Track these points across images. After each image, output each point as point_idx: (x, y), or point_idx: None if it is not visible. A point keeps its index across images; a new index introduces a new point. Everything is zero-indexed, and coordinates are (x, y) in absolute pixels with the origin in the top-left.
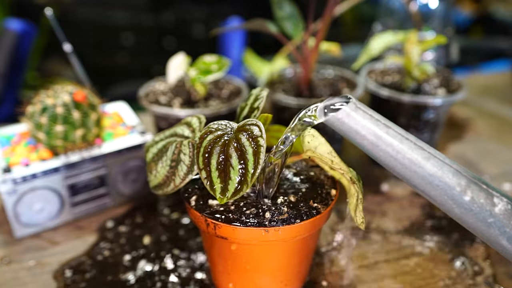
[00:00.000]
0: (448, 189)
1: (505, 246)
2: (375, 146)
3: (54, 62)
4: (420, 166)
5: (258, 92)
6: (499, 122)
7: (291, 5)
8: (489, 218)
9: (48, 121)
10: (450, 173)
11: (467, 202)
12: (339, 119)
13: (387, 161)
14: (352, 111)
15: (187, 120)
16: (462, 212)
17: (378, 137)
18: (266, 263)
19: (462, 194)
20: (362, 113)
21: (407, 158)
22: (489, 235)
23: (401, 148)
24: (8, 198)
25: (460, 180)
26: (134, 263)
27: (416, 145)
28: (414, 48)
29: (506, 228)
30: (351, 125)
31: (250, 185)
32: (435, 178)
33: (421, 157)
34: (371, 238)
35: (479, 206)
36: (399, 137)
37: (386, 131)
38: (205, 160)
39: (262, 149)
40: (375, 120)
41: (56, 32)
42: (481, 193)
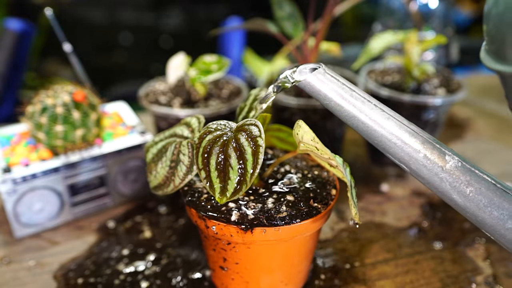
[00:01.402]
0: (405, 147)
1: (456, 200)
2: (340, 107)
3: (52, 62)
4: (380, 125)
5: (257, 92)
6: (499, 122)
7: (291, 5)
8: (441, 173)
9: (48, 121)
10: (407, 132)
11: (421, 158)
12: (309, 83)
13: (351, 121)
14: (320, 75)
15: (187, 121)
16: (417, 167)
17: (343, 98)
18: (266, 263)
19: (417, 151)
20: (329, 77)
21: (369, 118)
22: (441, 189)
23: (364, 108)
24: (8, 198)
25: (416, 139)
26: (134, 263)
27: (377, 107)
28: (414, 48)
29: (456, 183)
30: (320, 88)
31: (249, 185)
32: (393, 136)
33: (382, 117)
34: (371, 238)
35: (432, 162)
36: (362, 99)
37: (350, 93)
38: (204, 160)
39: (261, 149)
40: (341, 84)
41: (56, 32)
42: (434, 151)
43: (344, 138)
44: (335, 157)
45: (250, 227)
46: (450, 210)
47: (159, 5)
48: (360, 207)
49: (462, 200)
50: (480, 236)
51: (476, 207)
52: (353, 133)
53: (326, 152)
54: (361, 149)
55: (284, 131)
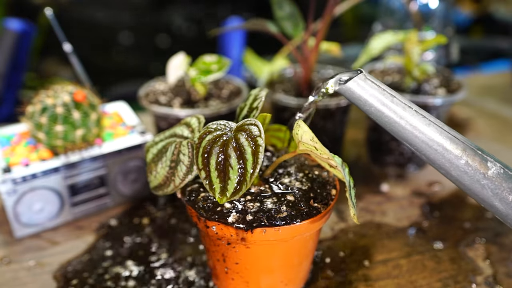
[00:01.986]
0: (446, 153)
1: (497, 207)
2: (381, 113)
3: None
4: (421, 132)
5: (257, 92)
6: (499, 122)
7: (291, 5)
8: (482, 180)
9: (48, 121)
10: (448, 139)
11: (462, 165)
12: (350, 89)
13: (392, 127)
14: (361, 81)
15: (187, 121)
16: (458, 174)
17: (384, 104)
18: (266, 263)
19: (458, 157)
20: (370, 83)
21: (409, 124)
22: (483, 196)
23: (405, 114)
24: (8, 198)
25: (457, 145)
26: (134, 263)
27: (418, 113)
28: (414, 48)
29: (498, 190)
30: (361, 94)
31: (249, 185)
32: (434, 142)
33: (423, 123)
34: (371, 238)
35: (473, 169)
36: (403, 105)
37: (391, 99)
38: (204, 160)
39: (261, 149)
40: (382, 89)
41: (56, 32)
42: (476, 157)
43: (344, 138)
44: (334, 157)
45: (250, 227)
46: (450, 210)
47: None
48: (360, 207)
49: (503, 207)
50: (480, 236)
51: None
52: (353, 133)
53: (325, 152)
54: (361, 149)
55: (284, 131)
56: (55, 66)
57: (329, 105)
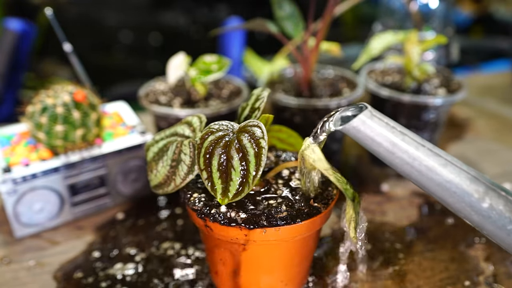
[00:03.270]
0: (466, 196)
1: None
2: (391, 154)
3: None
4: (437, 173)
5: (259, 92)
6: (499, 122)
7: (291, 5)
8: (508, 225)
9: (48, 121)
10: (467, 179)
11: (485, 209)
12: (355, 127)
13: (404, 168)
14: (367, 119)
15: (188, 120)
16: (481, 219)
17: (393, 144)
18: (266, 263)
19: (480, 201)
20: (377, 121)
21: (424, 165)
22: (509, 242)
23: (417, 155)
24: (8, 198)
25: (478, 187)
26: (135, 263)
27: (432, 152)
28: (414, 48)
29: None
30: (367, 133)
31: (252, 186)
32: (452, 185)
33: (438, 164)
34: (370, 238)
35: (498, 213)
36: (415, 144)
37: (402, 138)
38: (206, 161)
39: (263, 151)
40: (391, 127)
41: (56, 32)
42: (500, 200)
43: (344, 139)
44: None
45: (250, 227)
46: (450, 210)
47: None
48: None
49: None
50: (480, 236)
51: None
52: None
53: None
54: (361, 149)
55: (284, 131)
56: (54, 66)
57: (329, 105)
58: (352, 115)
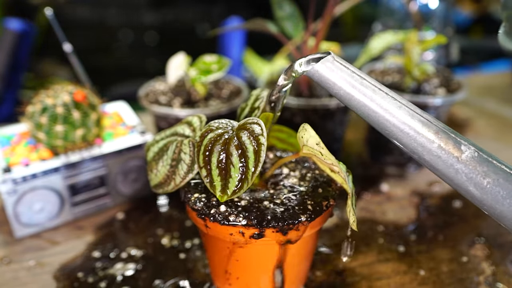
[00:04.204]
0: (418, 136)
1: (472, 192)
2: (350, 96)
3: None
4: (392, 115)
5: (258, 92)
6: (499, 122)
7: (291, 5)
8: (456, 164)
9: (48, 121)
10: (420, 122)
11: (435, 148)
12: (317, 71)
13: (362, 110)
14: (329, 63)
15: (188, 120)
16: (432, 159)
17: (353, 86)
18: (266, 263)
19: (431, 141)
20: (338, 65)
21: (380, 107)
22: (457, 181)
23: (375, 97)
24: (8, 198)
25: (429, 128)
26: (135, 264)
27: (388, 95)
28: (414, 48)
29: (472, 174)
30: (329, 76)
31: (251, 182)
32: (406, 126)
33: (394, 106)
34: (371, 238)
35: (446, 153)
36: (373, 87)
37: (360, 81)
38: (205, 159)
39: (263, 148)
40: (351, 71)
41: (56, 32)
42: (449, 140)
43: (344, 138)
44: (339, 163)
45: (249, 227)
46: (450, 210)
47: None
48: (360, 207)
49: (479, 192)
50: (480, 236)
51: (494, 199)
52: (353, 133)
53: (330, 158)
54: (361, 149)
55: (284, 131)
56: (53, 66)
57: (329, 105)
58: (317, 60)
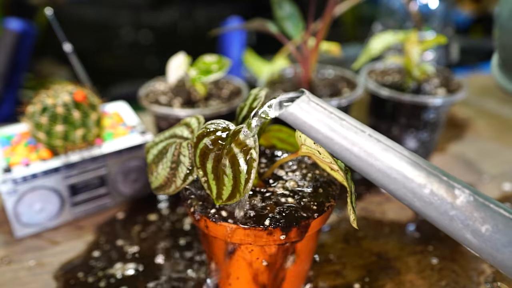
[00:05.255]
0: (407, 182)
1: (470, 240)
2: (330, 140)
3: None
4: (377, 159)
5: (256, 92)
6: (499, 122)
7: (291, 5)
8: (450, 211)
9: (48, 121)
10: (408, 165)
11: (427, 195)
12: (292, 113)
13: (343, 154)
14: (304, 104)
15: (186, 121)
16: (423, 205)
17: (332, 129)
18: (266, 264)
19: (421, 186)
20: (314, 106)
21: (364, 150)
22: (452, 229)
23: (357, 140)
24: (8, 198)
25: (419, 172)
26: (135, 264)
27: (372, 137)
28: (414, 48)
29: (469, 221)
30: (304, 119)
31: (243, 194)
32: (393, 170)
33: (379, 149)
34: (371, 238)
35: (439, 199)
36: (354, 129)
37: (340, 123)
38: (201, 162)
39: (254, 164)
40: (329, 112)
41: (56, 32)
42: (441, 185)
43: None
44: (337, 162)
45: (249, 228)
46: None
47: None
48: (360, 207)
49: (477, 240)
50: None
51: (494, 247)
52: None
53: (328, 156)
54: None
55: (284, 131)
56: (51, 67)
57: None
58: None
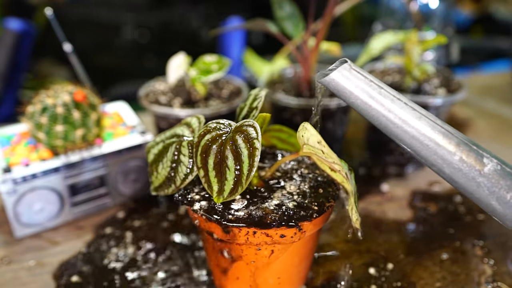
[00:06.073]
0: (438, 149)
1: (494, 206)
2: (368, 106)
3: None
4: (411, 126)
5: (257, 92)
6: (499, 122)
7: (291, 5)
8: (478, 177)
9: (48, 121)
10: (440, 133)
11: (456, 161)
12: (334, 80)
13: (380, 120)
14: (346, 72)
15: (187, 121)
16: (452, 172)
17: (371, 96)
18: (265, 263)
19: (452, 153)
20: (356, 74)
21: (399, 117)
22: (479, 195)
23: (393, 107)
24: (8, 198)
25: (450, 140)
26: (135, 264)
27: (407, 105)
28: (414, 48)
29: (495, 188)
30: (345, 85)
31: (245, 186)
32: (425, 137)
33: (413, 116)
34: (370, 238)
35: (468, 166)
36: (391, 97)
37: (378, 91)
38: (202, 160)
39: (257, 152)
40: (369, 80)
41: (56, 32)
42: (471, 153)
43: (344, 139)
44: (341, 161)
45: (249, 227)
46: (450, 210)
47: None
48: (360, 207)
49: (501, 207)
50: (481, 236)
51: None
52: (353, 133)
53: (332, 156)
54: (361, 149)
55: (285, 131)
56: (50, 67)
57: (329, 105)
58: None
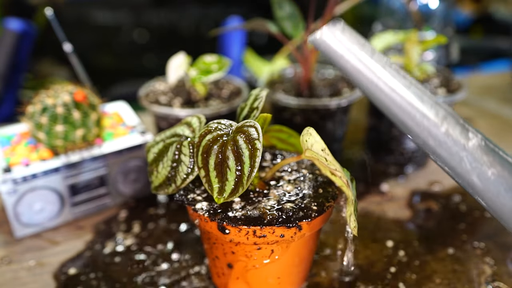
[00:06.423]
0: (425, 120)
1: (474, 182)
2: (358, 71)
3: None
4: (399, 94)
5: (257, 92)
6: (499, 122)
7: (291, 4)
8: (462, 151)
9: (48, 121)
10: (428, 103)
11: (442, 134)
12: (324, 41)
13: (368, 87)
14: (338, 33)
15: (187, 120)
16: (436, 144)
17: (361, 61)
18: (265, 263)
19: (437, 126)
20: (348, 36)
21: (388, 85)
22: (460, 170)
23: (383, 74)
24: (8, 198)
25: (437, 111)
26: (135, 264)
27: (398, 73)
28: (414, 48)
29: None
30: (336, 48)
31: (246, 187)
32: (413, 107)
33: (402, 85)
34: (370, 238)
35: (453, 139)
36: (382, 63)
37: (370, 55)
38: (203, 160)
39: (258, 153)
40: (361, 44)
41: (56, 32)
42: (457, 126)
43: (344, 138)
44: (343, 170)
45: (249, 227)
46: (450, 210)
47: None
48: (360, 207)
49: (481, 183)
50: (480, 236)
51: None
52: (353, 133)
53: (334, 164)
54: (361, 149)
55: (285, 132)
56: (50, 67)
57: (329, 105)
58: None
